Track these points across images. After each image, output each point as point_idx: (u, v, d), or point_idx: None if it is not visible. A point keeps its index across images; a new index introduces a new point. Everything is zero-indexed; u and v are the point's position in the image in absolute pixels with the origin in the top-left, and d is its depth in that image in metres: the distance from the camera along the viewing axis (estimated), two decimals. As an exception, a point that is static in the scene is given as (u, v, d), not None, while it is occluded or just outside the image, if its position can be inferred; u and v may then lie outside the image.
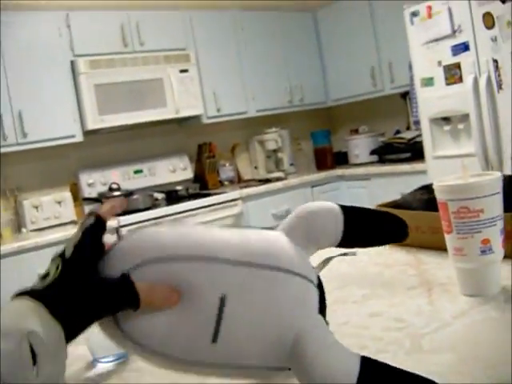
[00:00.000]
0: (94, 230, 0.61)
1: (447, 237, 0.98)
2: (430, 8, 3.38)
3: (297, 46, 5.06)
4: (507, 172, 3.12)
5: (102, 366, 0.93)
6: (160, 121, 4.26)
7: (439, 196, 0.97)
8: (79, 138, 3.93)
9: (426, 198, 1.28)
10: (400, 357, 0.77)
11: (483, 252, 0.95)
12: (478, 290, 0.97)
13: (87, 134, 3.99)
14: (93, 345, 0.95)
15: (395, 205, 1.50)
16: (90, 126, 3.90)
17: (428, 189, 1.30)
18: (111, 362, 0.93)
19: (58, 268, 0.57)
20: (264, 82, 4.81)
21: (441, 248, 1.20)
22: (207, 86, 4.48)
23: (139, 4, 4.31)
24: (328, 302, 1.06)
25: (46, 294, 0.54)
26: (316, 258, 0.78)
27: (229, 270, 0.60)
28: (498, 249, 0.96)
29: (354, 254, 0.83)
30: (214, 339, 0.59)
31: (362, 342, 0.85)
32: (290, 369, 0.62)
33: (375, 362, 0.62)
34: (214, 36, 4.58)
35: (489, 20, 3.09)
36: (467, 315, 0.90)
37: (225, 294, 0.59)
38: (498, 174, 0.96)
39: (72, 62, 3.91)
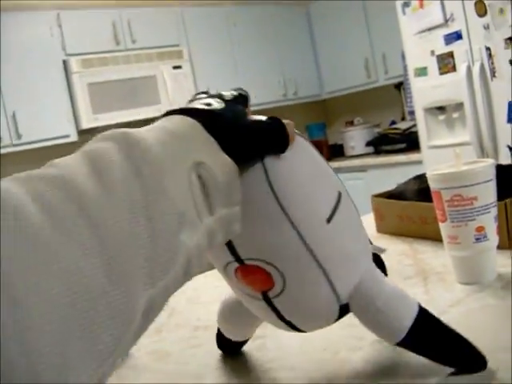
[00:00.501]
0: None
1: (441, 225, 0.98)
2: (421, -2, 3.38)
3: (290, 39, 5.06)
4: (502, 160, 3.12)
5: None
6: (154, 118, 4.23)
7: (432, 185, 0.97)
8: (74, 137, 3.92)
9: (418, 188, 1.28)
10: (397, 347, 0.77)
11: (478, 239, 0.95)
12: (473, 278, 0.97)
13: (82, 133, 3.98)
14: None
15: (389, 195, 1.50)
16: (85, 125, 3.89)
17: (421, 178, 1.29)
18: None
19: (222, 100, 0.53)
20: (258, 76, 4.80)
21: (431, 238, 1.21)
22: (201, 82, 4.47)
23: (130, 1, 4.30)
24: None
25: (213, 120, 0.48)
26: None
27: None
28: (493, 236, 0.96)
29: (383, 251, 0.84)
30: (329, 219, 0.60)
31: (360, 333, 0.85)
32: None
33: (430, 313, 0.67)
34: (206, 32, 4.56)
35: (481, 8, 3.08)
36: (463, 303, 0.90)
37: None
38: (491, 161, 0.96)
39: (64, 62, 3.90)
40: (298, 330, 0.65)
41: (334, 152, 5.17)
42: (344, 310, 0.63)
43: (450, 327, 0.66)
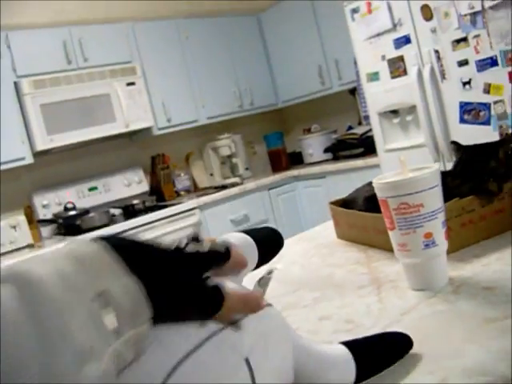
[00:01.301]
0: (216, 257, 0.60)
1: (391, 233, 0.98)
2: (369, 4, 3.41)
3: (243, 49, 5.06)
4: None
5: None
6: (111, 136, 4.21)
7: (379, 194, 0.97)
8: (29, 159, 3.86)
9: (369, 195, 1.28)
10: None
11: (427, 246, 0.95)
12: (425, 284, 0.97)
13: (37, 154, 3.92)
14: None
15: (343, 202, 1.50)
16: (40, 146, 3.83)
17: (371, 185, 1.30)
18: None
19: (184, 246, 0.55)
20: (213, 88, 4.80)
21: (384, 248, 1.21)
22: (156, 98, 4.45)
23: (80, 19, 4.26)
24: (279, 307, 1.05)
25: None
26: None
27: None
28: (442, 241, 0.96)
29: (276, 268, 0.83)
30: None
31: (312, 347, 0.84)
32: None
33: None
34: (158, 46, 4.54)
35: (427, 12, 3.14)
36: (415, 310, 0.90)
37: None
38: (435, 167, 0.97)
39: (15, 83, 3.83)
40: None
41: (293, 160, 5.19)
42: None
43: None
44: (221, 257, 0.59)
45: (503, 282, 0.93)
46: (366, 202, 1.28)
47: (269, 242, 0.80)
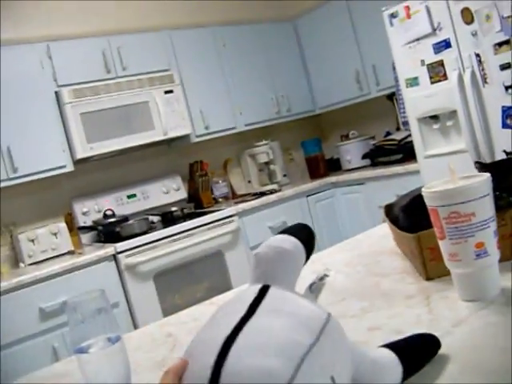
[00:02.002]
0: None
1: (441, 242, 0.97)
2: (408, 8, 3.38)
3: (280, 56, 5.06)
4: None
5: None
6: (149, 144, 4.24)
7: (429, 203, 0.96)
8: (70, 167, 3.91)
9: (406, 204, 1.24)
10: (402, 373, 0.75)
11: (478, 256, 0.93)
12: (476, 295, 0.95)
13: (77, 162, 3.97)
14: (90, 382, 0.93)
15: (387, 210, 1.46)
16: (80, 155, 3.88)
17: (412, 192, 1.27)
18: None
19: None
20: (250, 95, 4.80)
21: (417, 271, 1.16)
22: (193, 105, 4.47)
23: (119, 28, 4.31)
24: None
25: None
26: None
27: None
28: (494, 251, 0.94)
29: (327, 275, 0.82)
30: None
31: (363, 359, 0.83)
32: None
33: None
34: (196, 54, 4.57)
35: (467, 15, 3.09)
36: (467, 322, 0.88)
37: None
38: (486, 175, 0.95)
39: (56, 93, 3.89)
40: None
41: (331, 167, 5.15)
42: None
43: None
44: None
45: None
46: (402, 211, 1.24)
47: (310, 241, 0.80)
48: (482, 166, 1.24)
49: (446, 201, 0.92)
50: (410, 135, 3.90)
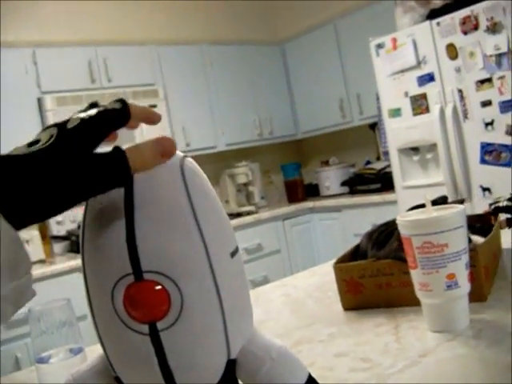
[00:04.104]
0: (113, 117, 0.54)
1: (412, 272, 0.96)
2: (394, 40, 3.42)
3: (265, 79, 5.09)
4: (476, 200, 3.14)
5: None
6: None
7: (403, 231, 0.95)
8: (47, 175, 3.86)
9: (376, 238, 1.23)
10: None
11: (449, 287, 0.93)
12: (445, 326, 0.95)
13: (55, 171, 3.93)
14: None
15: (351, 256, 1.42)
16: (58, 163, 3.84)
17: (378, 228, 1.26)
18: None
19: (51, 137, 0.48)
20: (233, 115, 4.82)
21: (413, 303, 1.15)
22: (176, 121, 4.47)
23: (106, 39, 4.30)
24: (294, 340, 1.03)
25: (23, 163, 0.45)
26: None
27: None
28: (465, 283, 0.94)
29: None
30: (233, 255, 0.59)
31: (327, 384, 0.82)
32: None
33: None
34: (182, 71, 4.58)
35: (452, 51, 3.14)
36: (434, 353, 0.88)
37: None
38: (461, 207, 0.95)
39: (39, 100, 3.87)
40: None
41: (309, 192, 5.17)
42: (228, 370, 0.58)
43: None
44: (117, 116, 0.54)
45: (527, 328, 0.91)
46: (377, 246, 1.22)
47: None
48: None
49: (420, 230, 0.92)
50: (389, 165, 3.93)
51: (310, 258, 4.53)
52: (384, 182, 4.27)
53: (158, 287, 0.53)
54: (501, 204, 1.29)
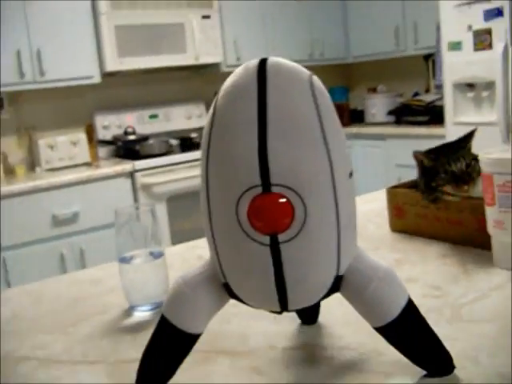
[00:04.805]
0: None
1: (488, 209, 0.98)
2: (464, -31, 3.30)
3: (321, -1, 4.97)
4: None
5: (139, 315, 0.94)
6: (179, 67, 4.21)
7: (485, 168, 0.96)
8: (97, 79, 3.89)
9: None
10: (441, 325, 0.78)
11: (524, 227, 0.95)
12: (515, 264, 0.97)
13: (105, 75, 3.95)
14: (130, 292, 0.96)
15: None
16: (109, 67, 3.85)
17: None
18: (149, 311, 0.94)
19: None
20: (285, 33, 4.74)
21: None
22: (228, 34, 4.41)
23: None
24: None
25: None
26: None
27: None
28: (538, 225, 0.95)
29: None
30: (350, 175, 0.63)
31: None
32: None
33: (416, 308, 0.65)
34: (238, -16, 4.48)
35: (525, -14, 3.02)
36: (504, 289, 0.90)
37: None
38: (545, 149, 0.95)
39: (93, 1, 3.84)
40: (282, 302, 0.60)
41: (355, 117, 5.12)
42: (335, 285, 0.62)
43: (430, 328, 0.65)
44: None
45: None
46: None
47: None
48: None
49: (504, 169, 0.93)
50: (439, 99, 3.87)
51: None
52: (432, 115, 4.21)
53: (284, 200, 0.55)
54: None
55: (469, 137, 1.23)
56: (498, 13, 3.17)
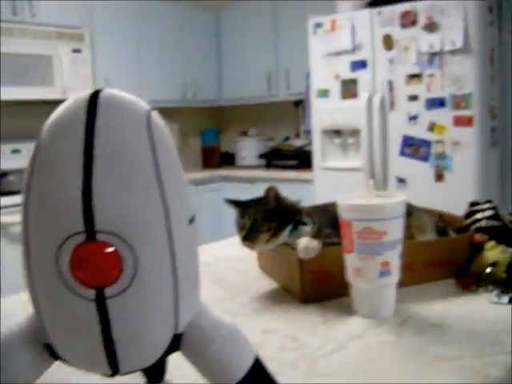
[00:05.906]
0: None
1: (348, 256, 0.96)
2: (334, 22, 3.42)
3: (196, 41, 4.98)
4: (390, 189, 3.21)
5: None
6: (45, 100, 4.03)
7: (344, 214, 0.95)
8: (-45, 108, 3.65)
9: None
10: (297, 379, 0.74)
11: (382, 274, 0.94)
12: (373, 312, 0.96)
13: (-36, 104, 3.72)
14: None
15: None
16: (-30, 97, 3.63)
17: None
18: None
19: None
20: (159, 73, 4.69)
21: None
22: (100, 71, 4.29)
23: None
24: (219, 311, 1.01)
25: None
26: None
27: None
28: (396, 272, 0.95)
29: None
30: (191, 222, 0.58)
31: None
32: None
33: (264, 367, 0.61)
34: (113, 18, 4.38)
35: (388, 42, 3.17)
36: (362, 338, 0.88)
37: None
38: (402, 197, 0.96)
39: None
40: (113, 365, 0.53)
41: (225, 160, 5.14)
42: (173, 344, 0.56)
43: None
44: None
45: (449, 321, 0.93)
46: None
47: None
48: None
49: (362, 215, 0.92)
50: (308, 144, 3.96)
51: (219, 226, 4.52)
52: (301, 159, 4.30)
53: (111, 249, 0.49)
54: (483, 224, 1.24)
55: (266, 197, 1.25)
56: (363, 64, 3.31)
